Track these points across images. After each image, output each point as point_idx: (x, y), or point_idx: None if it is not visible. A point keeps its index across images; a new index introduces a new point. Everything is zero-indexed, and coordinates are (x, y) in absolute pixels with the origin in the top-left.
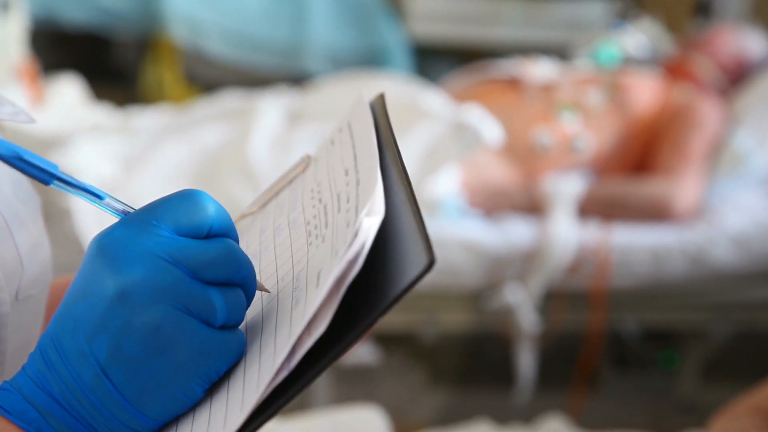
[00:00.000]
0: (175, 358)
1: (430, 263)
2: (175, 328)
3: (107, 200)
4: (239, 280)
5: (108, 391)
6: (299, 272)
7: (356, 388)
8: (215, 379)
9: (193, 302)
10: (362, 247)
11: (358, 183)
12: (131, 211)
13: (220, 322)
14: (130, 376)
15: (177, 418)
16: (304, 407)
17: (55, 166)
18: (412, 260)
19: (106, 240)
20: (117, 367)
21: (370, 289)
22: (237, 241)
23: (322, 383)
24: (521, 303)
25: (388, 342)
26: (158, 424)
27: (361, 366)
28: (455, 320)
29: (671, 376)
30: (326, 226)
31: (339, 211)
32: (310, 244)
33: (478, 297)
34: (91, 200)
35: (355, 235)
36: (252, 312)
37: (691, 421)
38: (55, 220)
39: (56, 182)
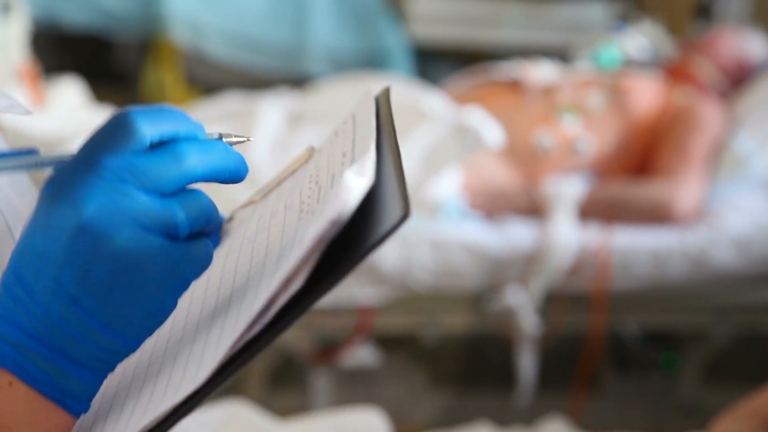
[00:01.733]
0: (143, 276)
1: (405, 214)
2: (139, 249)
3: (39, 156)
4: (198, 180)
5: (80, 318)
6: (286, 242)
7: (357, 390)
8: (185, 289)
9: (153, 219)
10: (344, 205)
11: (353, 162)
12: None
13: (182, 234)
14: (101, 300)
15: (148, 363)
16: (304, 409)
17: None
18: (387, 213)
19: (55, 180)
20: (86, 293)
21: (348, 245)
22: (191, 134)
23: (323, 385)
24: (522, 305)
25: (389, 344)
26: (137, 342)
27: (361, 368)
28: (456, 322)
29: (672, 378)
30: (318, 201)
31: (332, 187)
32: (301, 219)
33: (478, 299)
34: (26, 167)
35: (337, 192)
36: (239, 279)
37: (691, 423)
38: None
39: None
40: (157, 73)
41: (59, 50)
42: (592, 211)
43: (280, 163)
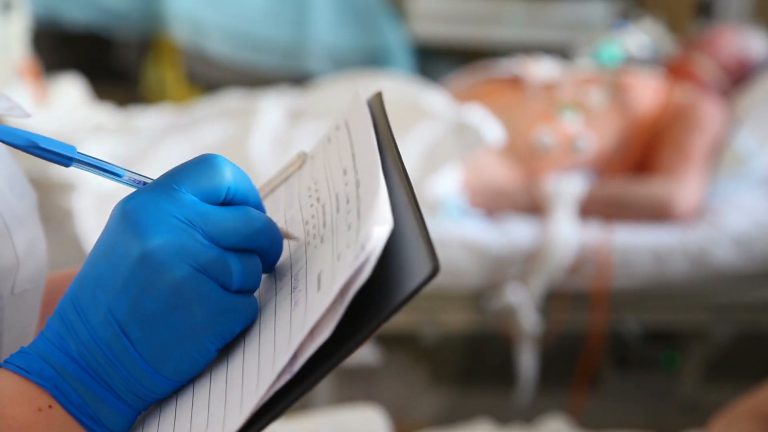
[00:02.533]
0: (191, 317)
1: (434, 270)
2: (193, 288)
3: (127, 176)
4: (256, 248)
5: (125, 347)
6: (298, 272)
7: (357, 388)
8: (229, 339)
9: (212, 265)
10: (369, 256)
11: (357, 184)
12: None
13: (235, 287)
14: (147, 333)
15: (175, 409)
16: (305, 407)
17: (73, 149)
18: (416, 266)
19: (129, 204)
20: (135, 323)
21: (373, 294)
22: (259, 204)
23: (323, 383)
24: (522, 303)
25: (389, 342)
26: (172, 385)
27: (362, 366)
28: (456, 320)
29: (672, 376)
30: (324, 225)
31: (338, 211)
32: (308, 243)
33: (479, 297)
34: (111, 178)
35: (363, 245)
36: None
37: (692, 421)
38: (56, 220)
39: (75, 163)
40: (158, 71)
41: (60, 48)
42: (592, 209)
43: (280, 160)
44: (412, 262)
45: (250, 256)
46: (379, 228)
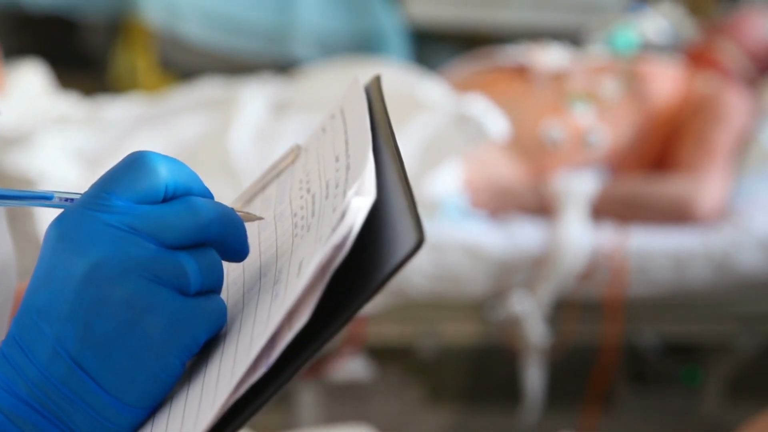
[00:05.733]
0: (149, 331)
1: (419, 241)
2: (147, 300)
3: (56, 198)
4: (209, 240)
5: (81, 380)
6: (282, 265)
7: (347, 407)
8: (196, 350)
9: (163, 270)
10: (350, 230)
11: (348, 168)
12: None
13: (194, 288)
14: (104, 358)
15: (153, 416)
16: (290, 427)
17: None
18: (399, 239)
19: (62, 224)
20: (88, 351)
21: (355, 274)
22: (204, 192)
23: (309, 400)
24: (529, 313)
25: (383, 356)
26: (139, 414)
27: (352, 382)
28: (457, 332)
29: (694, 393)
30: (313, 215)
31: (327, 198)
32: (296, 235)
33: (481, 306)
34: (41, 204)
35: (342, 216)
36: (230, 310)
37: None
38: (17, 221)
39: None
40: (128, 57)
41: (20, 32)
42: (606, 209)
43: (263, 156)
44: (395, 236)
45: (204, 250)
46: (360, 199)
